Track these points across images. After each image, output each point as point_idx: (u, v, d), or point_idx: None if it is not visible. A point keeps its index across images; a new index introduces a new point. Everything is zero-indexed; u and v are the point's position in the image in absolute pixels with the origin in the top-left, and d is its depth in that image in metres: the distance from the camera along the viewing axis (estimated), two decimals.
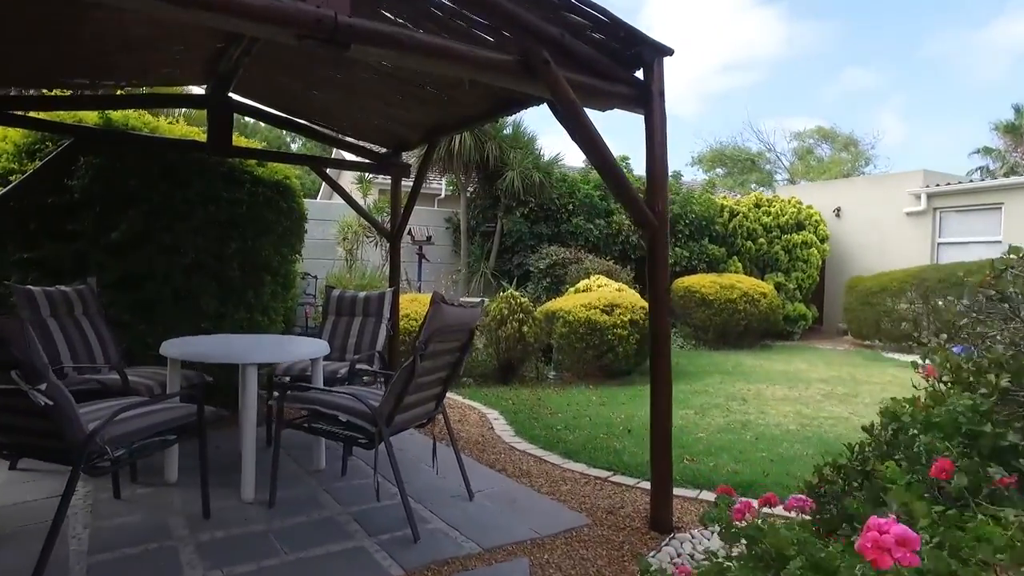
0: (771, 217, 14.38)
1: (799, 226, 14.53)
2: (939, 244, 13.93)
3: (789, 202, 14.71)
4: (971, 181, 14.70)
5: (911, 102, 45.96)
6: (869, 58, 45.73)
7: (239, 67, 4.57)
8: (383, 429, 3.28)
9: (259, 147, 6.05)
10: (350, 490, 3.97)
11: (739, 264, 13.87)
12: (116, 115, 5.11)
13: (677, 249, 13.26)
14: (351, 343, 5.36)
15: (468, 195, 13.26)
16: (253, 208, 5.46)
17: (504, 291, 12.04)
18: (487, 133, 12.14)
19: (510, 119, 12.76)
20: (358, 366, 4.86)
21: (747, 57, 47.35)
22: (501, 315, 7.93)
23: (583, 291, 9.34)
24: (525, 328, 7.82)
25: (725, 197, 14.94)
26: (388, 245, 6.50)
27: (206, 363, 3.97)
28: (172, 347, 3.76)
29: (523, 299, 8.08)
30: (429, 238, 12.86)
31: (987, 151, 30.70)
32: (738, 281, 12.22)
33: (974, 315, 2.80)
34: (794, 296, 14.12)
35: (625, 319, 8.15)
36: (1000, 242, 12.94)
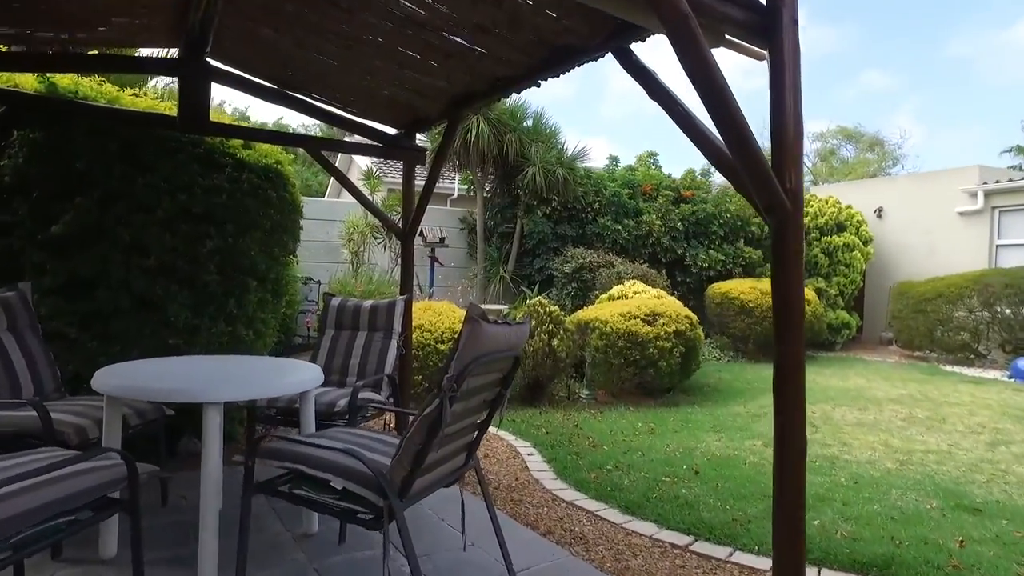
0: (809, 218, 13.29)
1: (839, 227, 13.43)
2: (998, 246, 12.79)
3: (827, 202, 13.61)
4: None
5: (927, 104, 44.93)
6: (885, 61, 44.77)
7: (212, 16, 3.59)
8: (394, 502, 2.26)
9: (244, 125, 5.07)
10: (349, 567, 2.96)
11: None
12: (64, 80, 4.14)
13: (711, 252, 12.21)
14: (354, 364, 4.36)
15: (485, 193, 12.27)
16: (235, 198, 4.47)
17: (526, 298, 11.06)
18: (506, 124, 11.16)
19: (532, 107, 11.79)
20: (362, 395, 3.85)
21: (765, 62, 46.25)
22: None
23: (618, 298, 8.31)
24: (555, 341, 6.79)
25: None
26: (399, 246, 5.49)
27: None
28: (106, 378, 2.76)
29: (553, 308, 7.06)
30: (442, 239, 11.88)
31: (1020, 150, 29.51)
32: None
33: None
34: (836, 303, 13.01)
35: (669, 330, 7.11)
36: None
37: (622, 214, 11.98)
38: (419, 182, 5.36)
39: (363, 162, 17.53)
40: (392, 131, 5.35)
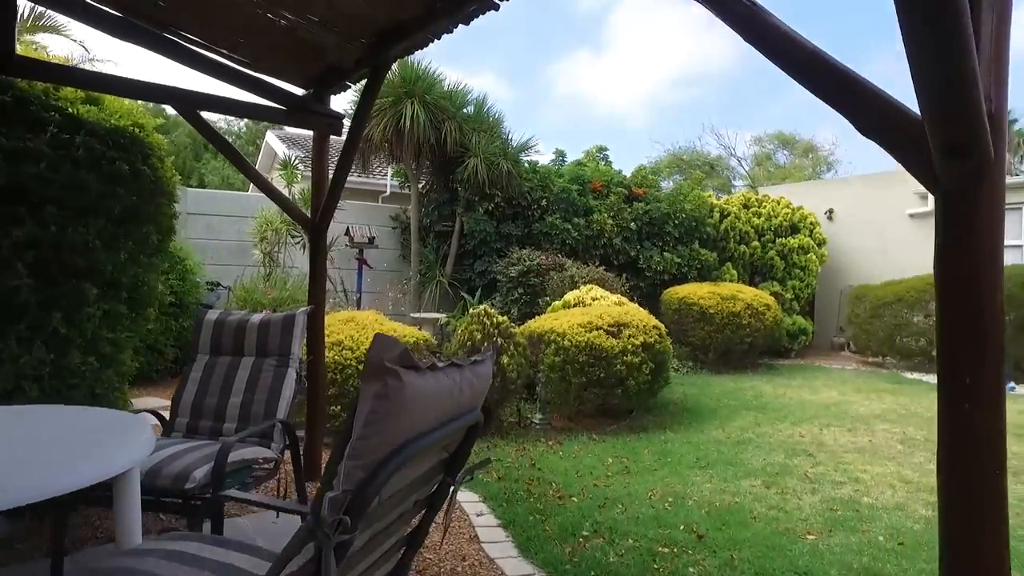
0: (762, 219, 12.67)
1: (793, 229, 12.86)
2: None
3: (780, 203, 13.04)
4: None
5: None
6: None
7: None
8: None
9: (73, 67, 3.73)
10: None
11: (734, 271, 12.08)
12: None
13: (666, 254, 11.37)
14: (234, 405, 3.11)
15: (421, 187, 11.05)
16: (64, 170, 3.15)
17: (466, 305, 9.89)
18: (445, 110, 9.98)
19: (474, 93, 10.64)
20: (239, 453, 2.62)
21: (700, 73, 47.25)
22: (472, 340, 5.76)
23: (574, 305, 7.26)
24: (505, 358, 5.67)
25: (712, 195, 13.18)
26: (323, 241, 4.25)
27: None
28: None
29: (501, 318, 5.93)
30: (372, 239, 10.59)
31: None
32: (739, 291, 10.40)
33: None
34: (792, 308, 12.42)
35: (637, 343, 6.10)
36: (1021, 246, 11.60)
37: (572, 212, 10.98)
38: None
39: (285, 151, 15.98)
40: (299, 91, 4.11)
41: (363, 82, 4.04)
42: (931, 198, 12.17)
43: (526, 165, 11.11)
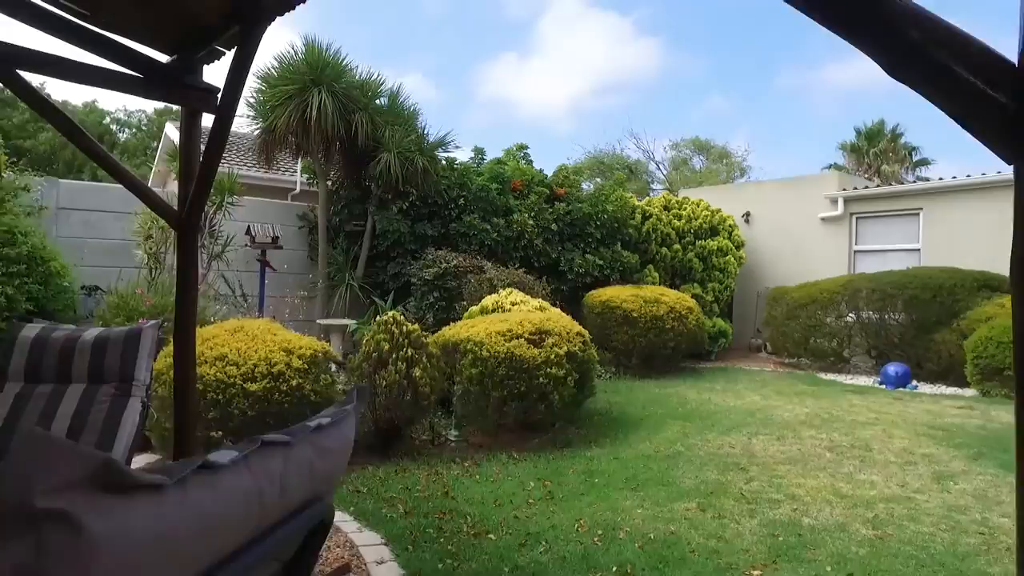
0: (683, 221, 12.64)
1: (712, 231, 12.91)
2: (856, 251, 12.84)
3: (699, 205, 13.06)
4: (890, 184, 13.87)
5: (758, 128, 49.19)
6: (727, 86, 48.56)
7: None
8: None
9: None
10: None
11: (655, 274, 11.94)
12: None
13: (588, 256, 11.07)
14: None
15: (330, 184, 10.29)
16: None
17: (378, 310, 9.23)
18: (355, 101, 9.28)
19: (386, 86, 9.97)
20: None
21: (623, 81, 48.24)
22: (379, 351, 5.15)
23: (492, 311, 6.77)
24: (417, 371, 5.10)
25: (633, 196, 13.03)
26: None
27: None
28: None
29: (412, 326, 5.36)
30: (276, 240, 9.72)
31: (836, 167, 32.00)
32: (662, 294, 10.22)
33: None
34: (712, 310, 12.42)
35: (561, 352, 5.66)
36: (919, 250, 12.03)
37: (491, 212, 10.50)
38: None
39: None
40: (163, 58, 3.41)
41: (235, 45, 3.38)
42: (841, 202, 12.52)
43: (443, 162, 10.56)
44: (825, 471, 4.97)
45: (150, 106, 35.63)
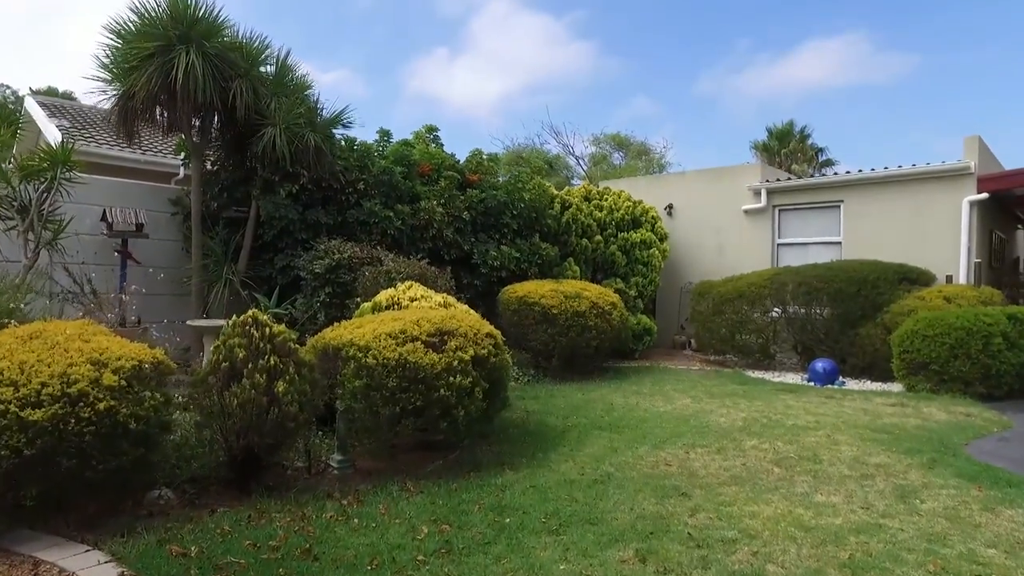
0: (604, 212, 11.92)
1: (635, 223, 12.26)
2: (779, 244, 12.52)
3: (621, 196, 12.39)
4: (812, 177, 13.66)
5: (679, 130, 50.21)
6: (651, 89, 49.34)
7: None
8: None
9: None
10: None
11: (576, 267, 11.15)
12: None
13: (504, 248, 10.13)
14: None
15: (210, 164, 8.89)
16: None
17: (262, 309, 7.96)
18: (233, 65, 7.92)
19: (272, 51, 8.64)
20: None
21: (553, 82, 47.95)
22: (231, 361, 4.00)
23: (387, 308, 5.69)
24: (280, 385, 3.98)
25: (552, 185, 12.20)
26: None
27: None
28: None
29: (277, 328, 4.23)
30: (140, 227, 8.29)
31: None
32: (583, 289, 9.43)
33: None
34: (636, 306, 11.77)
35: (466, 357, 4.66)
36: (840, 243, 11.80)
37: (395, 198, 9.37)
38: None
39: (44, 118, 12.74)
40: None
41: None
42: (764, 194, 12.12)
43: (342, 142, 9.36)
44: (778, 493, 4.21)
45: None
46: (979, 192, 10.47)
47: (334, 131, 9.17)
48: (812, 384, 9.11)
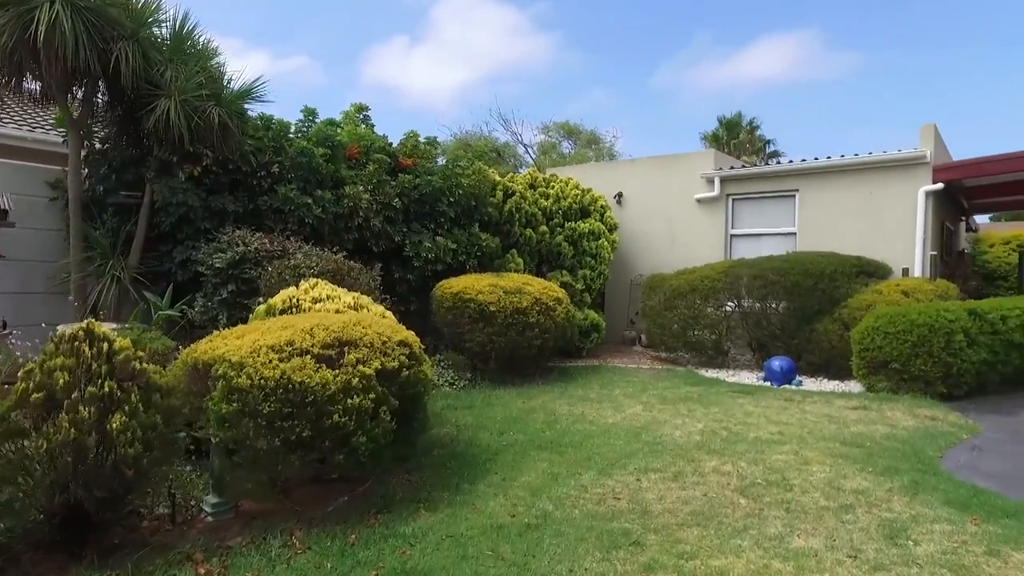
0: (551, 200, 11.14)
1: (583, 212, 11.52)
2: (732, 236, 11.98)
3: (568, 184, 11.63)
4: (766, 164, 13.17)
5: (633, 122, 50.24)
6: (609, 81, 49.18)
7: None
8: None
9: None
10: None
11: (519, 260, 10.34)
12: None
13: (439, 239, 9.22)
14: None
15: (94, 140, 7.71)
16: None
17: (153, 309, 6.89)
18: (118, 25, 6.76)
19: (167, 11, 7.49)
20: None
21: (513, 73, 47.22)
22: (48, 391, 3.02)
23: (283, 311, 4.75)
24: (116, 419, 3.03)
25: (494, 171, 11.34)
26: None
27: None
28: None
29: (120, 343, 3.26)
30: (4, 213, 7.06)
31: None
32: (526, 284, 8.62)
33: None
34: (583, 300, 11.05)
35: (369, 371, 3.77)
36: (795, 234, 11.33)
37: (315, 183, 8.35)
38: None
39: None
40: None
41: None
42: (717, 182, 11.52)
43: (258, 121, 8.28)
44: (747, 536, 3.48)
45: None
46: (934, 182, 10.09)
47: (247, 107, 8.09)
48: (769, 384, 8.56)
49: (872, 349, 7.87)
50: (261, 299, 5.81)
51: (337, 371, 3.65)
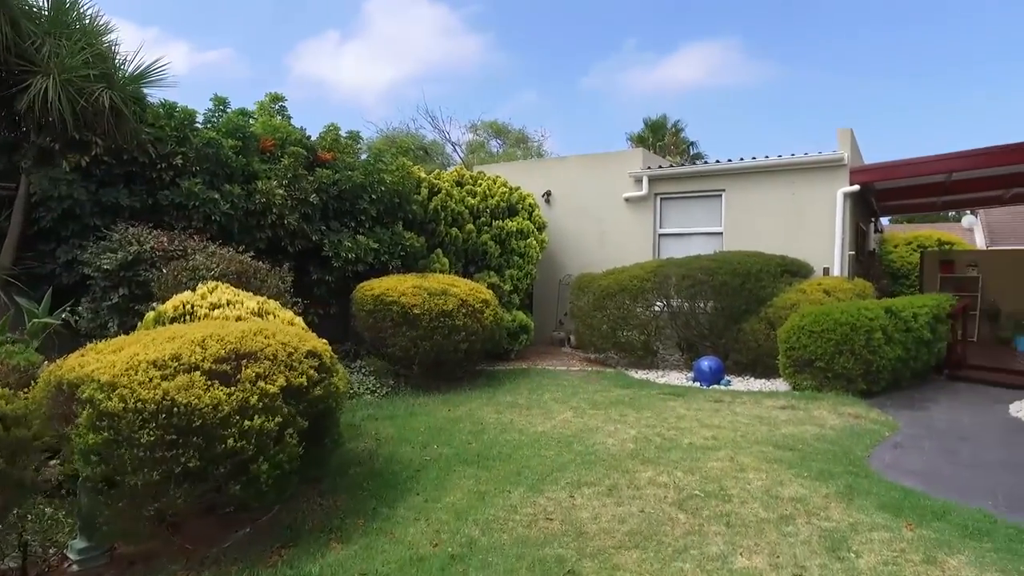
0: (478, 198, 10.80)
1: (511, 211, 11.25)
2: (660, 235, 11.98)
3: (496, 181, 11.34)
4: (693, 164, 13.25)
5: (563, 124, 50.68)
6: (540, 84, 49.38)
7: None
8: None
9: None
10: None
11: (445, 260, 9.94)
12: None
13: (360, 238, 8.72)
14: None
15: None
16: None
17: (28, 318, 6.12)
18: None
19: None
20: None
21: (444, 72, 46.48)
22: None
23: (173, 320, 4.20)
24: None
25: (420, 168, 10.89)
26: None
27: None
28: None
29: None
30: None
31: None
32: (451, 285, 8.24)
33: None
34: (511, 301, 10.77)
35: (272, 388, 3.32)
36: (722, 234, 11.42)
37: (224, 177, 7.69)
38: None
39: None
40: None
41: None
42: (646, 181, 11.48)
43: (160, 109, 7.53)
44: (689, 556, 3.25)
45: None
46: (851, 184, 10.36)
47: (146, 92, 7.36)
48: (698, 384, 8.51)
49: (798, 348, 7.94)
50: (155, 304, 5.20)
51: (232, 389, 3.18)
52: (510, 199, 11.20)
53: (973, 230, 23.16)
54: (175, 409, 2.96)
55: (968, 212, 23.65)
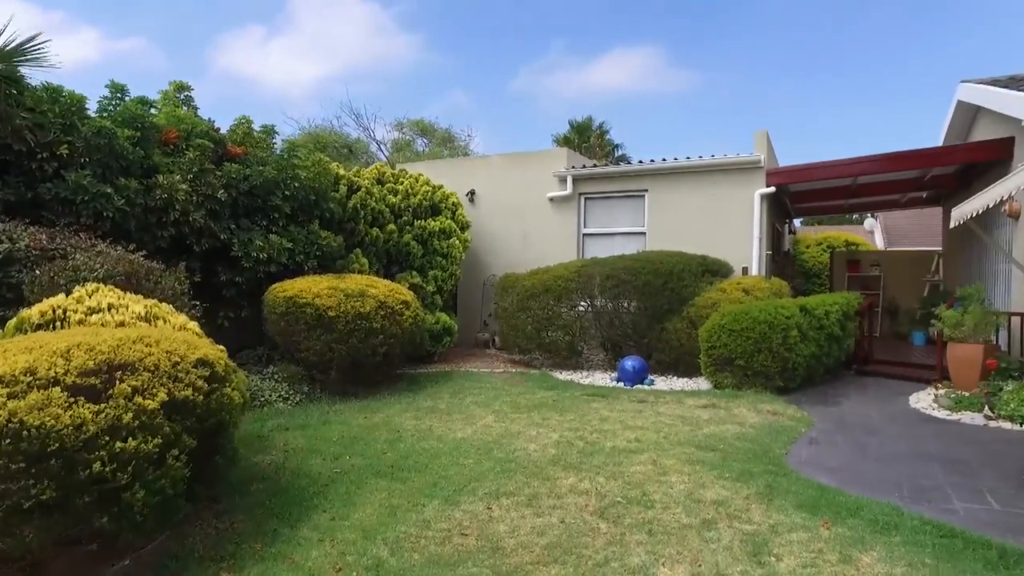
0: (399, 197, 10.47)
1: (434, 210, 10.97)
2: (584, 235, 11.97)
3: (419, 180, 11.03)
4: (617, 164, 13.30)
5: (492, 126, 50.66)
6: (469, 86, 49.07)
7: None
8: None
9: None
10: None
11: (364, 260, 9.56)
12: None
13: (273, 237, 8.23)
14: None
15: None
16: None
17: None
18: None
19: None
20: None
21: (373, 71, 45.32)
22: None
23: (40, 326, 3.74)
24: None
25: (339, 165, 10.45)
26: None
27: None
28: None
29: None
30: None
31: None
32: (370, 286, 7.90)
33: None
34: (434, 302, 10.49)
35: (151, 405, 2.96)
36: (645, 233, 11.52)
37: (119, 170, 7.06)
38: None
39: None
40: None
41: None
42: (570, 181, 11.42)
43: (41, 94, 6.84)
44: (609, 569, 3.10)
45: None
46: (768, 185, 10.63)
47: (22, 72, 6.66)
48: (622, 385, 8.50)
49: (718, 347, 8.04)
50: (27, 308, 4.65)
51: (102, 405, 2.81)
52: (433, 198, 10.92)
53: (874, 232, 24.55)
54: (24, 432, 2.56)
55: (870, 215, 25.10)
